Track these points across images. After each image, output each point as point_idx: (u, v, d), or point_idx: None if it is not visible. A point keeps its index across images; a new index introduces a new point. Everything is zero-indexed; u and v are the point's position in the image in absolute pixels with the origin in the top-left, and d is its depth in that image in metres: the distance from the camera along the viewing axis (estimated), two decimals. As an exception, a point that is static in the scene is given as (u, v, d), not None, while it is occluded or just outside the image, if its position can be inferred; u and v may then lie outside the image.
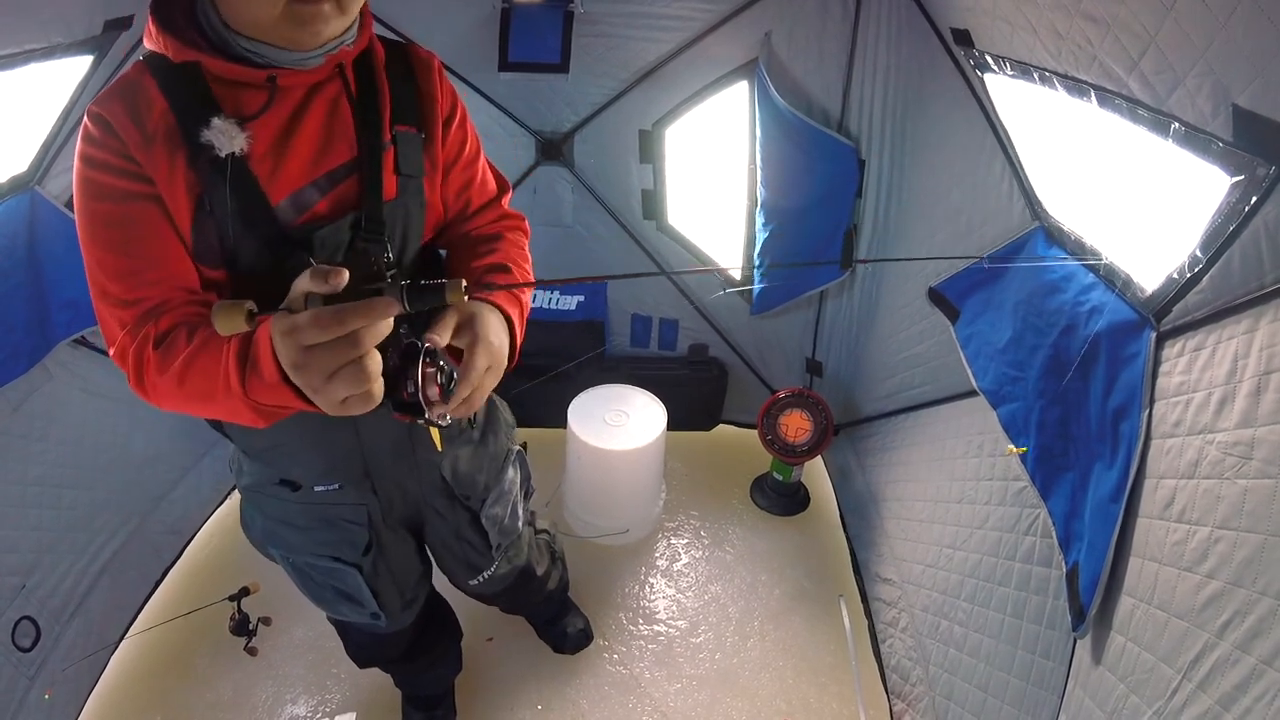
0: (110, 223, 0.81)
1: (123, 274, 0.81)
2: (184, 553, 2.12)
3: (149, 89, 0.80)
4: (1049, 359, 1.27)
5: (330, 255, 0.89)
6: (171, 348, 0.76)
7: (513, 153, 2.24)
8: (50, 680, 1.59)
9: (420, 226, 0.99)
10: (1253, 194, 0.82)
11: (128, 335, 0.79)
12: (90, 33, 1.46)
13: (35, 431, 1.65)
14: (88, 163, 0.80)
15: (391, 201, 0.93)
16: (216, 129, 0.79)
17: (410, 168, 0.95)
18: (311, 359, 0.60)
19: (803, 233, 2.16)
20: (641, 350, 2.61)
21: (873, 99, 1.96)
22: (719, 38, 2.00)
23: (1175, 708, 0.84)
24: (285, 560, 1.21)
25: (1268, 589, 0.74)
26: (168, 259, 0.82)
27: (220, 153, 0.80)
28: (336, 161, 0.89)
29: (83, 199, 0.80)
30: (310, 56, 0.83)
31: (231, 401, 0.72)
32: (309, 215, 0.88)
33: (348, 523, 1.16)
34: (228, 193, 0.81)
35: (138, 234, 0.81)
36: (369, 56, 0.92)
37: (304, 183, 0.87)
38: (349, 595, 1.23)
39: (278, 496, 1.12)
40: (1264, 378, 0.81)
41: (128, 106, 0.79)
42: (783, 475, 2.38)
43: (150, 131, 0.79)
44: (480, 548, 1.33)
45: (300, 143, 0.86)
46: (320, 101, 0.87)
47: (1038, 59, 1.21)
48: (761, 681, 1.88)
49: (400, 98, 0.94)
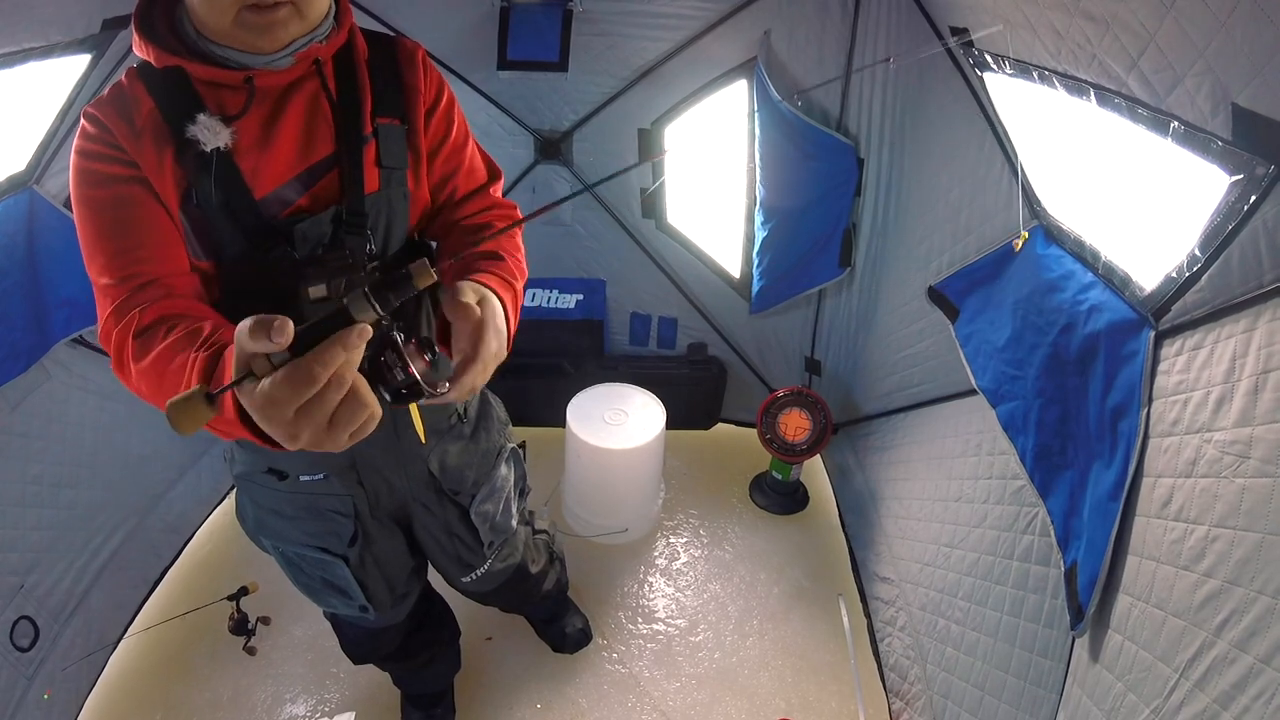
0: (104, 206, 0.83)
1: (115, 254, 0.82)
2: (183, 552, 2.12)
3: (138, 92, 0.85)
4: (1048, 358, 1.27)
5: (312, 248, 0.91)
6: (149, 342, 0.74)
7: (511, 151, 2.24)
8: (49, 680, 1.59)
9: (405, 217, 1.01)
10: (1252, 193, 0.82)
11: (113, 316, 0.79)
12: (88, 32, 1.46)
13: (34, 431, 1.64)
14: (83, 155, 0.83)
15: (374, 194, 0.95)
16: (201, 124, 0.82)
17: (392, 160, 0.96)
18: (302, 420, 0.54)
19: (802, 231, 2.16)
20: (640, 349, 2.62)
21: (872, 98, 1.96)
22: (718, 37, 2.00)
23: (1173, 706, 0.84)
24: (276, 550, 1.21)
25: (1265, 587, 0.74)
26: (159, 238, 0.84)
27: (205, 147, 0.83)
28: (317, 156, 0.91)
29: (78, 189, 0.83)
30: (278, 58, 0.85)
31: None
32: (292, 209, 0.91)
33: (334, 513, 1.16)
34: (213, 186, 0.84)
35: (130, 215, 0.83)
36: (350, 51, 0.94)
37: (287, 178, 0.90)
38: (337, 587, 1.24)
39: (266, 485, 1.13)
40: (1262, 377, 0.81)
41: (118, 108, 0.84)
42: (782, 474, 2.39)
43: (139, 127, 0.83)
44: (471, 544, 1.33)
45: (282, 140, 0.88)
46: (299, 99, 0.89)
47: (1037, 58, 1.21)
48: (760, 680, 1.88)
49: (382, 91, 0.95)
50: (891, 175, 2.04)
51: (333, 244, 0.93)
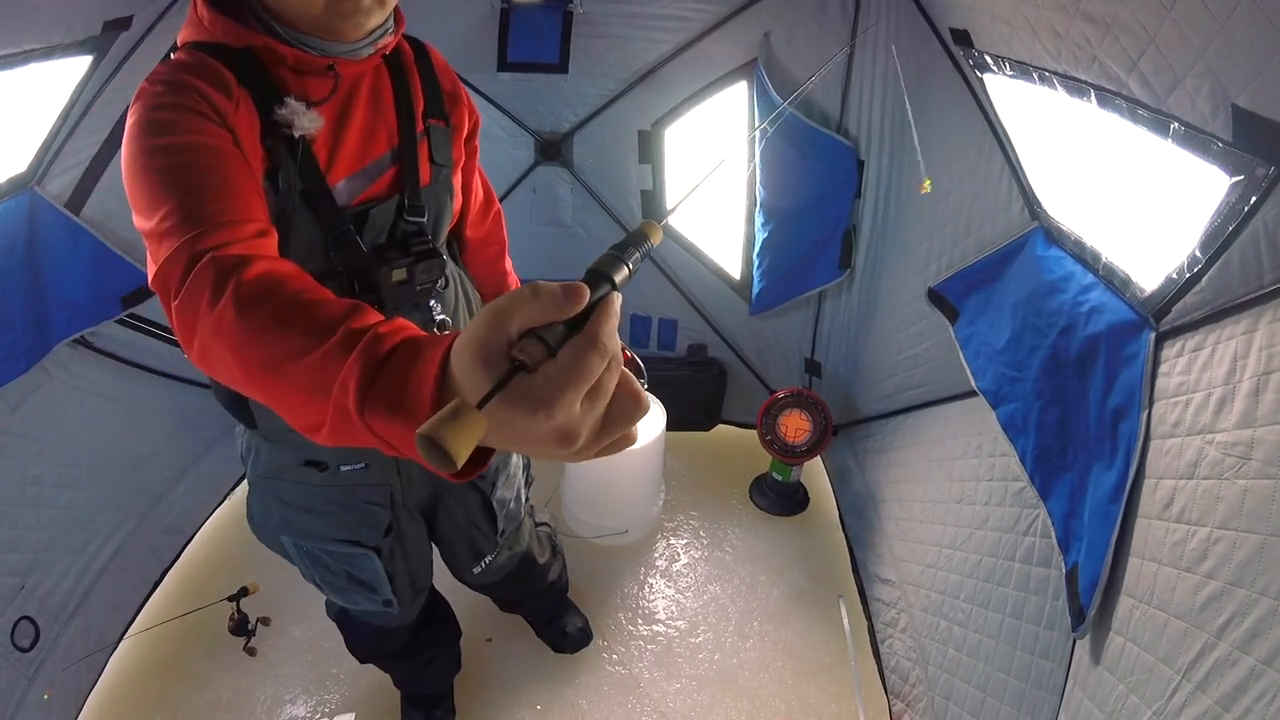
0: (185, 149, 0.70)
1: (192, 192, 0.67)
2: (183, 553, 2.12)
3: (216, 66, 0.78)
4: (1048, 359, 1.27)
5: (378, 234, 0.96)
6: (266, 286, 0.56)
7: (512, 153, 2.24)
8: (49, 680, 1.59)
9: (449, 212, 1.08)
10: (1252, 194, 0.82)
11: (184, 248, 0.62)
12: (89, 33, 1.46)
13: (34, 431, 1.65)
14: (162, 108, 0.72)
15: (426, 188, 1.00)
16: (292, 108, 0.82)
17: (442, 157, 1.02)
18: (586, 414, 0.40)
19: (802, 233, 2.16)
20: (641, 350, 2.62)
21: (872, 100, 1.96)
22: (718, 38, 2.00)
23: (1174, 708, 0.83)
24: (299, 549, 1.21)
25: (1267, 589, 0.74)
26: (248, 194, 0.72)
27: (295, 133, 0.83)
28: (381, 150, 0.95)
29: (150, 137, 0.70)
30: (359, 46, 0.87)
31: (314, 405, 0.49)
32: (362, 197, 0.94)
33: (369, 504, 1.17)
34: (295, 173, 0.85)
35: (220, 163, 0.72)
36: (399, 52, 0.98)
37: (356, 168, 0.93)
38: (364, 582, 1.24)
39: (300, 480, 1.12)
40: (1263, 378, 0.81)
41: (201, 75, 0.76)
42: (782, 475, 2.38)
43: (236, 97, 0.78)
44: (487, 531, 1.36)
45: (352, 131, 0.91)
46: (365, 92, 0.93)
47: (1037, 59, 1.21)
48: (761, 682, 1.88)
49: (429, 93, 1.01)
50: (891, 177, 2.04)
51: (393, 233, 0.98)
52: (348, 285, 0.95)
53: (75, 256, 1.66)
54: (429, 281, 1.01)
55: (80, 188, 1.67)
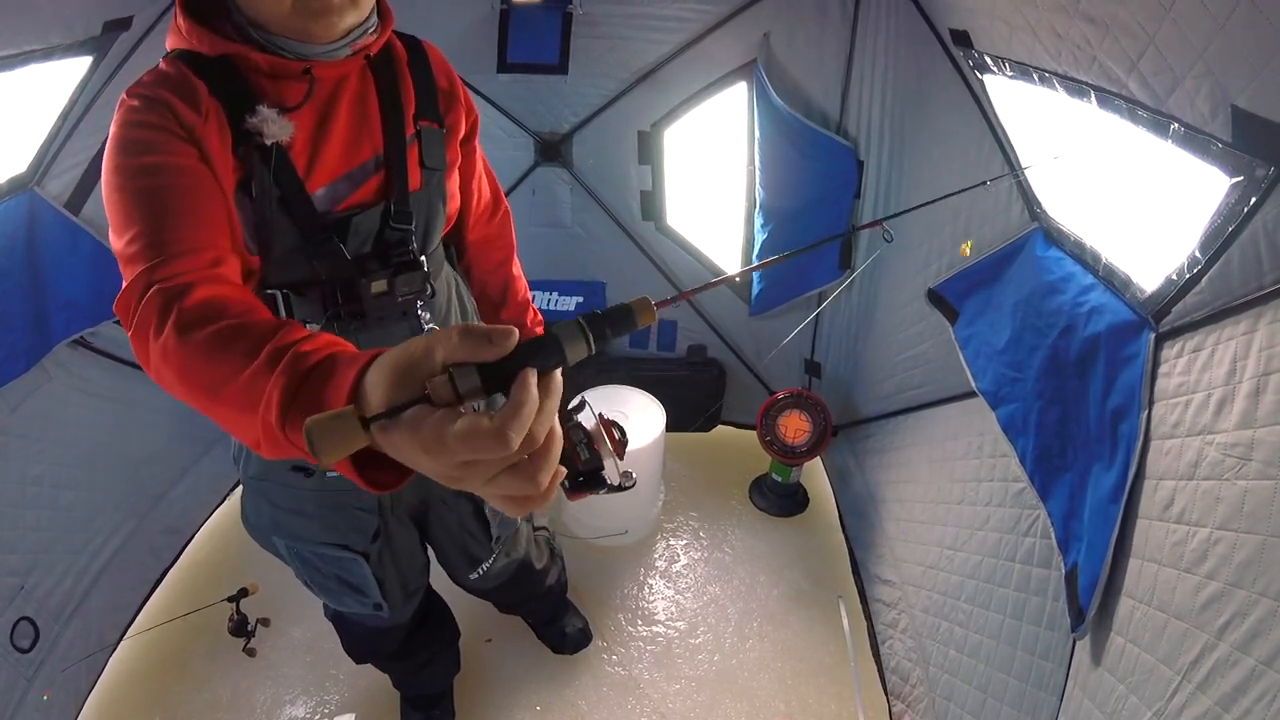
0: (152, 172, 0.73)
1: (157, 216, 0.70)
2: (183, 553, 2.12)
3: (189, 78, 0.80)
4: (1048, 360, 1.27)
5: (363, 241, 0.93)
6: (203, 314, 0.60)
7: (511, 153, 2.24)
8: (49, 681, 1.59)
9: (442, 218, 1.04)
10: (1252, 195, 0.82)
11: (144, 275, 0.65)
12: (89, 34, 1.46)
13: (34, 432, 1.65)
14: (134, 126, 0.75)
15: (416, 193, 0.97)
16: (263, 117, 0.80)
17: (434, 161, 0.99)
18: (472, 471, 0.40)
19: (801, 234, 2.16)
20: (640, 351, 2.61)
21: (871, 100, 1.96)
22: (718, 39, 2.00)
23: (1175, 709, 0.83)
24: (290, 550, 1.21)
25: (1267, 590, 0.74)
26: (211, 217, 0.75)
27: (266, 141, 0.81)
28: (366, 154, 0.92)
29: (122, 156, 0.74)
30: (335, 48, 0.84)
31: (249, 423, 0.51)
32: (345, 204, 0.91)
33: (357, 509, 1.17)
34: (270, 181, 0.83)
35: (184, 184, 0.74)
36: (390, 52, 0.95)
37: (338, 174, 0.90)
38: (353, 585, 1.24)
39: (288, 483, 1.12)
40: (1263, 379, 0.81)
41: (177, 89, 0.78)
42: (782, 476, 2.38)
43: (204, 110, 0.79)
44: (480, 538, 1.35)
45: (333, 136, 0.89)
46: (349, 95, 0.90)
47: (1037, 60, 1.21)
48: (760, 682, 1.88)
49: (421, 93, 0.98)
50: (891, 178, 2.04)
51: (379, 241, 0.94)
52: (331, 294, 0.93)
53: (75, 257, 1.67)
54: (410, 293, 0.98)
55: (80, 188, 1.67)
